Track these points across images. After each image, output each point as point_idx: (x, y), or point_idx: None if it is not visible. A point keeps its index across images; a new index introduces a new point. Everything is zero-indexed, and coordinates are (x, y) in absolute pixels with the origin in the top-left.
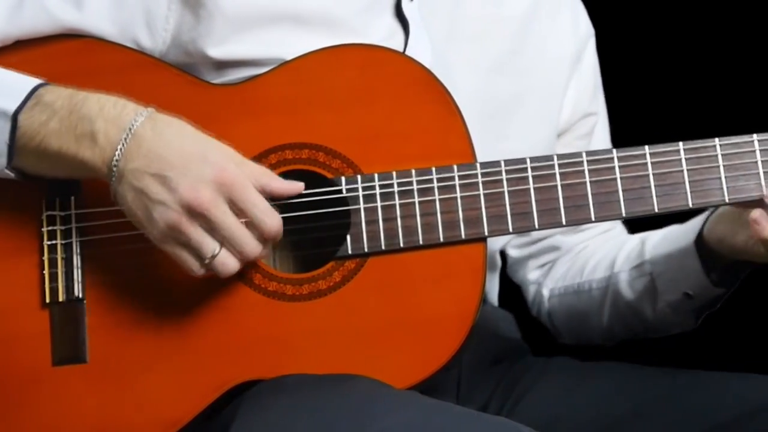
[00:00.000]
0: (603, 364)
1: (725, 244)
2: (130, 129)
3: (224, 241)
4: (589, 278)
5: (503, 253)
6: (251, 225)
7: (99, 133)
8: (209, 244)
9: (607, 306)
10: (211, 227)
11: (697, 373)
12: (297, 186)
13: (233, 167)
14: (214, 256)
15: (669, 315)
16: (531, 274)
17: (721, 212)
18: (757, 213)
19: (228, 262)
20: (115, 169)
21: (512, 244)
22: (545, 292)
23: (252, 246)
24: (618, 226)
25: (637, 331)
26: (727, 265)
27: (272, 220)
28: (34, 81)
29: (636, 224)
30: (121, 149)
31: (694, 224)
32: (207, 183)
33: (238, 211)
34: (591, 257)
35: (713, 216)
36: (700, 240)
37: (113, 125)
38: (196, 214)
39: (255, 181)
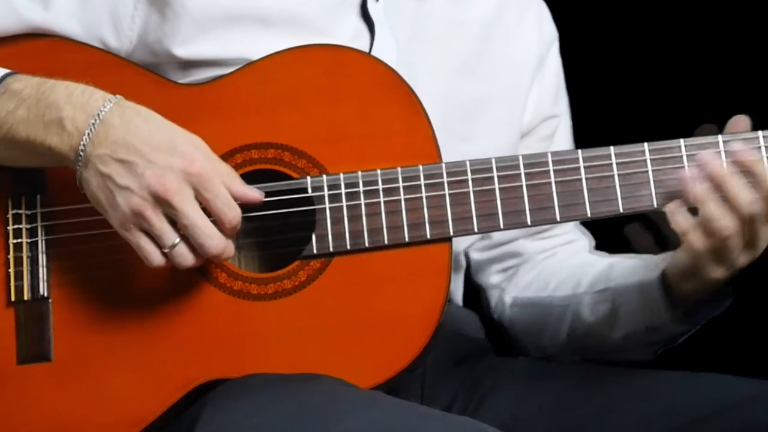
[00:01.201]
0: (567, 364)
1: (676, 272)
2: (98, 115)
3: (185, 230)
4: (552, 294)
5: (467, 255)
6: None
7: (67, 120)
8: (170, 234)
9: (566, 325)
10: (173, 216)
11: (662, 373)
12: (257, 195)
13: (201, 158)
14: (173, 246)
15: (627, 344)
16: (493, 278)
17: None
18: (672, 205)
19: (186, 255)
20: (81, 154)
21: (475, 248)
22: (507, 299)
23: (212, 237)
24: (582, 239)
25: (592, 354)
26: (691, 302)
27: (232, 213)
28: (2, 71)
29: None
30: (88, 135)
31: (662, 257)
32: (174, 171)
33: (203, 200)
34: (557, 273)
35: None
36: (665, 274)
37: (81, 112)
38: (160, 201)
39: (220, 177)
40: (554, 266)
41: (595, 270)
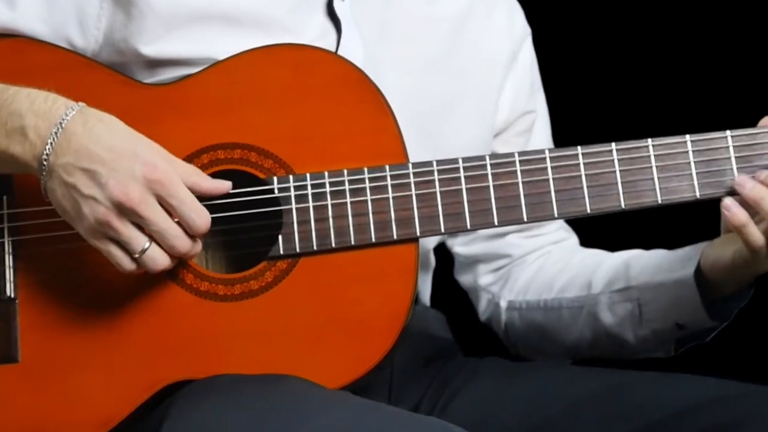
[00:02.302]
0: (534, 364)
1: (719, 267)
2: (60, 124)
3: (154, 235)
4: (560, 296)
5: (444, 253)
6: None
7: (29, 128)
8: (139, 240)
9: (579, 326)
10: (141, 223)
11: (629, 373)
12: (225, 185)
13: (163, 164)
14: (143, 251)
15: (650, 342)
16: (482, 279)
17: (717, 240)
18: (728, 200)
19: (158, 258)
20: (45, 163)
21: (458, 242)
22: (503, 303)
23: (181, 241)
24: (571, 238)
25: (607, 353)
26: (723, 297)
27: (200, 217)
28: None
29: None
30: (51, 144)
31: (689, 253)
32: (137, 180)
33: (168, 206)
34: (561, 273)
35: (708, 243)
36: (698, 270)
37: (43, 120)
38: (125, 210)
39: (184, 179)
40: (554, 266)
41: (608, 268)
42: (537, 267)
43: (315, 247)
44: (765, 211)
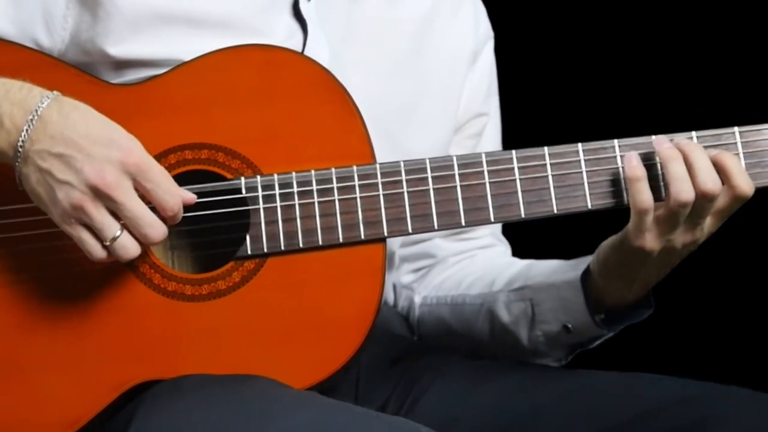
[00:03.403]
0: (501, 364)
1: (610, 264)
2: (36, 111)
3: (127, 222)
4: (465, 293)
5: None
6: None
7: (4, 117)
8: (111, 226)
9: (479, 323)
10: (115, 209)
11: (596, 374)
12: (189, 196)
13: (139, 149)
14: (115, 239)
15: (542, 344)
16: (404, 277)
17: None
18: (633, 153)
19: (128, 246)
20: (20, 150)
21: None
22: (417, 299)
23: (154, 227)
24: (501, 245)
25: (506, 353)
26: (611, 307)
27: (173, 200)
28: None
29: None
30: (26, 131)
31: (586, 258)
32: (113, 164)
33: (143, 190)
34: (471, 272)
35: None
36: (587, 274)
37: (19, 108)
38: (101, 194)
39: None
40: (469, 267)
41: (513, 269)
42: (457, 268)
43: (282, 248)
44: (668, 171)
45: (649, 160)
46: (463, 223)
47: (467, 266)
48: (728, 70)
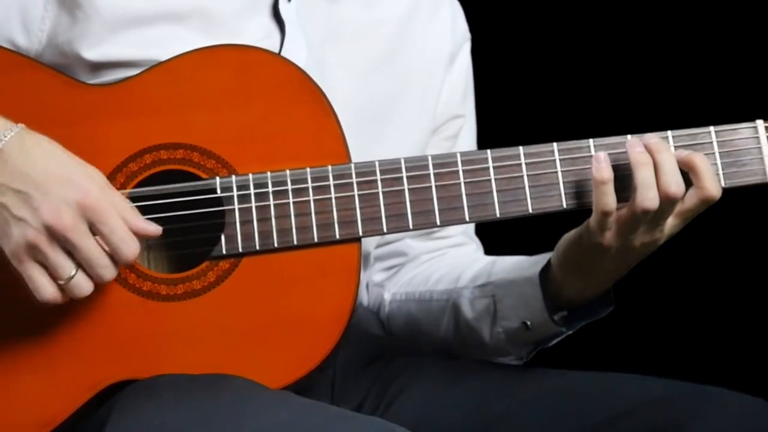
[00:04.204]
0: (478, 363)
1: (569, 257)
2: None
3: (82, 262)
4: (432, 288)
5: None
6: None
7: None
8: (66, 266)
9: (446, 319)
10: (70, 248)
11: (574, 373)
12: (154, 229)
13: (97, 191)
14: (70, 278)
15: (503, 341)
16: (376, 275)
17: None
18: (601, 154)
19: (83, 285)
20: None
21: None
22: (386, 296)
23: (107, 270)
24: (472, 244)
25: (471, 351)
26: (569, 304)
27: (129, 248)
28: None
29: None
30: None
31: (547, 255)
32: (69, 205)
33: (98, 233)
34: (438, 269)
35: None
36: (546, 270)
37: None
38: (56, 235)
39: (117, 210)
40: (437, 264)
41: (478, 265)
42: (426, 266)
43: (258, 247)
44: (636, 177)
45: (622, 161)
46: (438, 223)
47: (436, 263)
48: (705, 69)
